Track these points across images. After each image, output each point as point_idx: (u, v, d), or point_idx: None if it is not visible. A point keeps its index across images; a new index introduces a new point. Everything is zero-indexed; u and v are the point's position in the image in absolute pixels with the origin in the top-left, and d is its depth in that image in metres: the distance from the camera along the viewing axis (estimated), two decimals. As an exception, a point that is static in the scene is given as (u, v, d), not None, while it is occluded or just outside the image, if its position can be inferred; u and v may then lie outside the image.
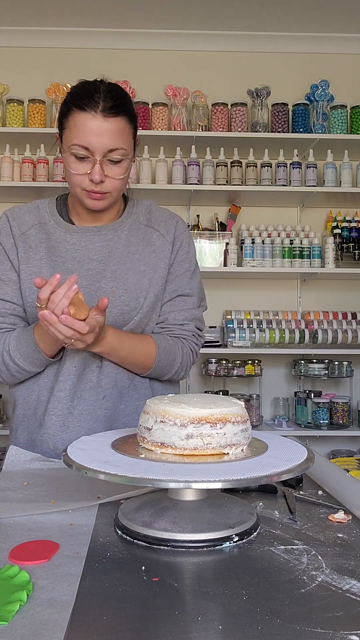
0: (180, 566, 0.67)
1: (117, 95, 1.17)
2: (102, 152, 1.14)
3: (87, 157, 1.15)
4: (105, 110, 1.13)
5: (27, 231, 1.27)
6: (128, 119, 1.18)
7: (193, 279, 1.33)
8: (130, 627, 0.53)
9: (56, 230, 1.27)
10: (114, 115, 1.14)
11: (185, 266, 1.31)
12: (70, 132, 1.15)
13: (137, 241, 1.28)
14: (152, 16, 3.27)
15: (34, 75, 3.39)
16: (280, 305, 3.45)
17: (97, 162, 1.15)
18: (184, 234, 1.33)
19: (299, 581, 0.63)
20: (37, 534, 0.77)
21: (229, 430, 0.77)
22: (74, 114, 1.15)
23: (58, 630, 0.53)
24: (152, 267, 1.27)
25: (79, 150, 1.14)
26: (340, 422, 3.17)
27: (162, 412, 0.77)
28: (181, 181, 3.18)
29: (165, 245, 1.30)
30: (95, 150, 1.14)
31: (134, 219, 1.31)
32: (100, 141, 1.13)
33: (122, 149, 1.16)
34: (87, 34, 3.41)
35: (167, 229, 1.31)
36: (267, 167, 3.23)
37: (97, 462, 0.74)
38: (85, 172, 1.16)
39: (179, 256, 1.31)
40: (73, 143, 1.14)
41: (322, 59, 3.50)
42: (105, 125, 1.13)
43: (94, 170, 1.15)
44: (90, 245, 1.25)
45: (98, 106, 1.13)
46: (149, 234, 1.30)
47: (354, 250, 3.27)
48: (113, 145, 1.15)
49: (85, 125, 1.13)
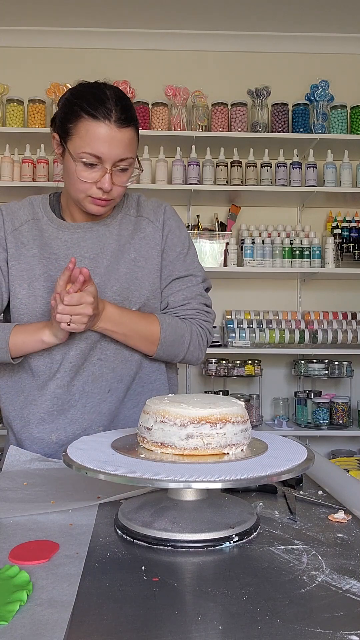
0: (180, 566, 0.67)
1: (127, 105, 1.17)
2: (113, 161, 1.14)
3: (96, 165, 1.14)
4: (120, 120, 1.13)
5: (21, 227, 1.27)
6: (135, 129, 1.18)
7: (187, 259, 1.32)
8: (130, 627, 0.53)
9: (49, 226, 1.27)
10: (127, 126, 1.14)
11: (177, 250, 1.31)
12: (80, 140, 1.14)
13: (127, 233, 1.28)
14: (152, 16, 3.27)
15: (34, 75, 3.38)
16: (280, 305, 3.45)
17: (107, 171, 1.14)
18: (172, 218, 1.33)
19: (299, 581, 0.63)
20: (37, 534, 0.77)
21: (229, 430, 0.77)
22: (85, 121, 1.13)
23: (58, 630, 0.53)
24: (144, 255, 1.27)
25: (89, 158, 1.14)
26: (340, 422, 3.17)
27: (162, 412, 0.77)
28: (181, 181, 3.18)
29: (155, 232, 1.30)
30: (106, 160, 1.14)
31: (124, 213, 1.31)
32: (113, 151, 1.13)
33: (131, 158, 1.17)
34: (87, 34, 3.41)
35: (156, 215, 1.31)
36: (267, 167, 3.23)
37: (97, 462, 0.74)
38: (94, 180, 1.16)
39: (169, 241, 1.30)
40: (84, 151, 1.13)
41: (322, 59, 3.50)
42: (119, 135, 1.13)
43: (104, 180, 1.15)
44: (82, 242, 1.25)
45: (111, 116, 1.12)
46: (138, 223, 1.30)
47: (354, 250, 3.27)
48: (124, 154, 1.15)
49: (99, 134, 1.12)
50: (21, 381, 1.26)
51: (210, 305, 1.34)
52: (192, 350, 1.28)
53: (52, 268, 1.24)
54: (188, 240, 1.35)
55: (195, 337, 1.28)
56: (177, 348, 1.26)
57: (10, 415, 1.27)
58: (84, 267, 1.22)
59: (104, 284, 1.22)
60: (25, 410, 1.25)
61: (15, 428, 1.26)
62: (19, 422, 1.26)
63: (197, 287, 1.32)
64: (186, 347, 1.27)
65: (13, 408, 1.27)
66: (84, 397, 1.23)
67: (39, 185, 3.11)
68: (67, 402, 1.23)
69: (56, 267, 1.23)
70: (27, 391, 1.25)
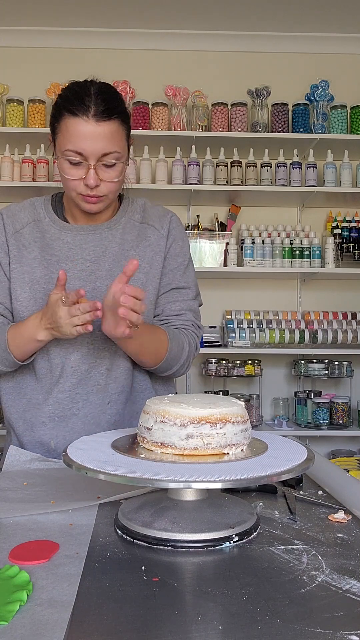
0: (180, 566, 0.67)
1: (108, 98, 1.15)
2: (96, 156, 1.13)
3: (81, 162, 1.14)
4: (98, 114, 1.12)
5: (22, 229, 1.27)
6: (121, 121, 1.16)
7: (187, 272, 1.32)
8: (130, 627, 0.53)
9: (51, 227, 1.27)
10: (107, 119, 1.12)
11: (179, 260, 1.31)
12: (63, 138, 1.14)
13: (131, 238, 1.28)
14: (152, 16, 3.27)
15: (34, 75, 3.38)
16: (280, 305, 3.45)
17: (91, 167, 1.14)
18: (177, 229, 1.33)
19: (299, 581, 0.63)
20: (37, 534, 0.77)
21: (229, 430, 0.77)
22: (65, 119, 1.13)
23: (58, 630, 0.53)
24: (148, 262, 1.27)
25: (72, 155, 1.13)
26: (340, 422, 3.17)
27: (162, 412, 0.77)
28: (181, 181, 3.18)
29: (160, 239, 1.29)
30: (89, 156, 1.13)
31: (128, 218, 1.30)
32: (94, 146, 1.12)
33: (116, 152, 1.15)
34: (87, 34, 3.41)
35: (161, 223, 1.31)
36: (267, 167, 3.23)
37: (97, 462, 0.74)
38: (80, 177, 1.15)
39: (172, 250, 1.31)
40: (66, 149, 1.13)
41: (322, 59, 3.50)
42: (98, 129, 1.12)
43: (89, 176, 1.14)
44: (84, 245, 1.25)
45: (90, 110, 1.11)
46: (143, 230, 1.29)
47: (354, 250, 3.27)
48: (107, 149, 1.13)
49: (78, 131, 1.12)
50: (23, 383, 1.26)
51: (200, 322, 1.34)
52: (184, 364, 1.28)
53: (53, 270, 1.23)
54: (189, 252, 1.35)
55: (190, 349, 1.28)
56: (175, 359, 1.25)
57: (12, 417, 1.27)
58: (85, 269, 1.21)
59: (105, 288, 1.21)
60: (29, 413, 1.24)
61: (17, 430, 1.26)
62: (21, 424, 1.25)
63: (192, 302, 1.32)
64: (183, 359, 1.27)
65: (15, 410, 1.26)
66: (87, 406, 1.22)
67: (39, 185, 3.11)
68: (69, 409, 1.22)
69: (57, 269, 1.22)
70: (30, 394, 1.25)
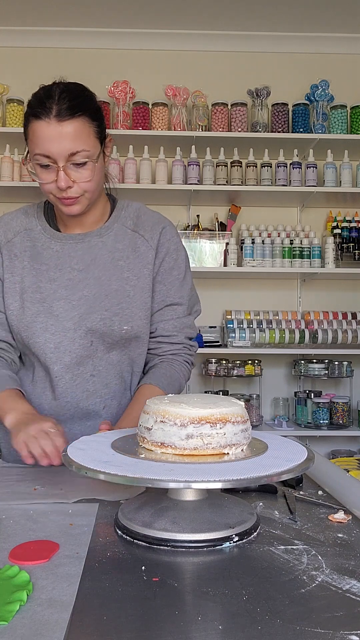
0: (180, 566, 0.67)
1: (71, 96, 1.11)
2: (63, 157, 1.11)
3: (49, 165, 1.12)
4: (60, 114, 1.09)
5: (13, 239, 1.26)
6: (88, 118, 1.12)
7: (183, 286, 1.29)
8: (130, 627, 0.53)
9: (42, 236, 1.26)
10: (69, 118, 1.09)
11: (174, 274, 1.28)
12: (31, 142, 1.13)
13: (122, 247, 1.25)
14: (152, 16, 3.27)
15: (34, 75, 3.36)
16: (280, 305, 3.45)
17: (59, 168, 1.11)
18: (171, 240, 1.28)
19: (299, 581, 0.63)
20: (37, 534, 0.77)
21: (229, 430, 0.77)
22: (31, 124, 1.12)
23: (58, 630, 0.53)
24: (136, 274, 1.24)
25: (41, 159, 1.12)
26: (340, 422, 3.17)
27: (162, 412, 0.77)
28: (181, 181, 3.18)
29: (148, 251, 1.25)
30: (56, 157, 1.11)
31: (121, 224, 1.28)
32: (59, 147, 1.10)
33: (84, 151, 1.12)
34: (87, 34, 3.41)
35: (152, 234, 1.26)
36: (267, 167, 3.23)
37: (97, 462, 0.74)
38: (52, 180, 1.13)
39: (165, 264, 1.27)
40: (35, 153, 1.12)
41: (322, 59, 3.50)
42: (61, 129, 1.09)
43: (59, 178, 1.12)
44: (72, 253, 1.23)
45: (51, 112, 1.09)
46: (134, 240, 1.26)
47: (354, 250, 3.27)
48: (73, 148, 1.10)
49: (42, 133, 1.10)
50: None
51: (195, 338, 1.33)
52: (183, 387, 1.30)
53: (42, 279, 1.22)
54: (185, 264, 1.30)
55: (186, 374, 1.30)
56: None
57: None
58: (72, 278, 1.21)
59: (93, 297, 1.20)
60: None
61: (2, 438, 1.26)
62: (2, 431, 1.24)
63: (187, 319, 1.30)
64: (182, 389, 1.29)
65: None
66: (78, 412, 1.22)
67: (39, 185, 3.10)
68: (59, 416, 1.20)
69: (46, 278, 1.22)
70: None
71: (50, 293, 1.21)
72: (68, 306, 1.20)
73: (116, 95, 3.15)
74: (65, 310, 1.20)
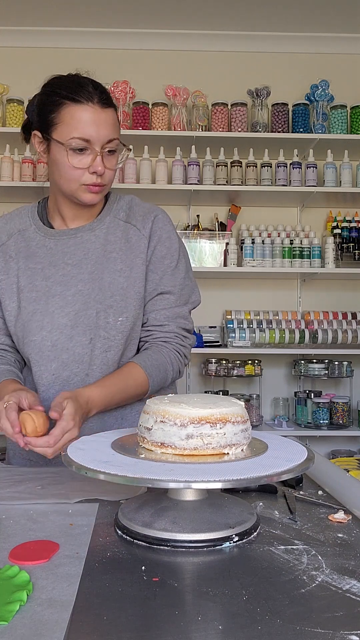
0: (180, 566, 0.67)
1: (104, 88, 1.18)
2: (102, 143, 1.14)
3: (85, 150, 1.14)
4: (102, 101, 1.14)
5: (7, 241, 1.27)
6: (116, 111, 1.19)
7: (175, 274, 1.26)
8: (130, 627, 0.53)
9: (36, 235, 1.27)
10: (108, 106, 1.15)
11: (166, 262, 1.25)
12: (66, 126, 1.13)
13: (115, 239, 1.25)
14: (152, 16, 3.27)
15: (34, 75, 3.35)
16: (280, 305, 3.45)
17: (98, 153, 1.14)
18: (163, 229, 1.26)
19: (299, 581, 0.63)
20: (37, 534, 0.77)
21: (229, 430, 0.77)
22: (68, 107, 1.13)
23: (58, 630, 0.53)
24: (129, 265, 1.23)
25: (79, 143, 1.13)
26: (340, 422, 3.17)
27: (162, 412, 0.77)
28: (181, 181, 3.18)
29: (141, 240, 1.24)
30: (95, 142, 1.13)
31: (113, 216, 1.27)
32: (101, 132, 1.13)
33: (117, 139, 1.17)
34: (87, 34, 3.41)
35: (143, 223, 1.25)
36: (267, 167, 3.23)
37: (97, 462, 0.74)
38: (86, 165, 1.14)
39: (157, 252, 1.24)
40: (73, 136, 1.12)
41: (322, 59, 3.50)
42: (104, 116, 1.14)
43: (97, 162, 1.14)
44: (65, 249, 1.24)
45: (94, 97, 1.13)
46: (127, 230, 1.25)
47: (354, 250, 3.27)
48: (111, 135, 1.15)
49: (85, 117, 1.12)
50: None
51: (190, 330, 1.29)
52: (173, 377, 1.26)
53: (37, 278, 1.23)
54: (178, 252, 1.27)
55: (175, 363, 1.24)
56: (162, 382, 1.23)
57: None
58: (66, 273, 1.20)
59: (87, 291, 1.20)
60: None
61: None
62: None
63: (180, 309, 1.26)
64: (170, 377, 1.25)
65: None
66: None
67: (39, 185, 3.10)
68: None
69: (41, 276, 1.22)
70: None
71: (45, 291, 1.21)
72: (63, 302, 1.20)
73: (116, 95, 3.15)
74: (60, 307, 1.20)
